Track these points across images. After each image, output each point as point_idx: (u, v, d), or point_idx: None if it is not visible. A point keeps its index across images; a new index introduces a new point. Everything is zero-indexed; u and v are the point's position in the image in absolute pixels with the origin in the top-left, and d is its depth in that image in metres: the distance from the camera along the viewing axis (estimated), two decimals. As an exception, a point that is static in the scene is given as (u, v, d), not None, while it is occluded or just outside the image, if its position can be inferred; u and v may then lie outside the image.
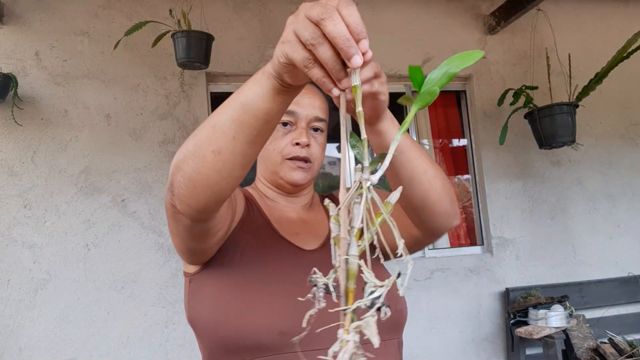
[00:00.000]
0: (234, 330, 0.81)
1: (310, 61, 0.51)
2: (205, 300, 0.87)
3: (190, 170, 0.65)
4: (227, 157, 0.64)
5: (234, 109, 0.62)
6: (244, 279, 0.85)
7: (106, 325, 2.69)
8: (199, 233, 0.77)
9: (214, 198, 0.68)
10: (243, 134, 0.63)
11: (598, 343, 2.95)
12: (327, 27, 0.49)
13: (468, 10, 3.51)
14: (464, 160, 3.58)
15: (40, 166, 2.71)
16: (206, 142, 0.64)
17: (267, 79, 0.60)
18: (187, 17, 2.68)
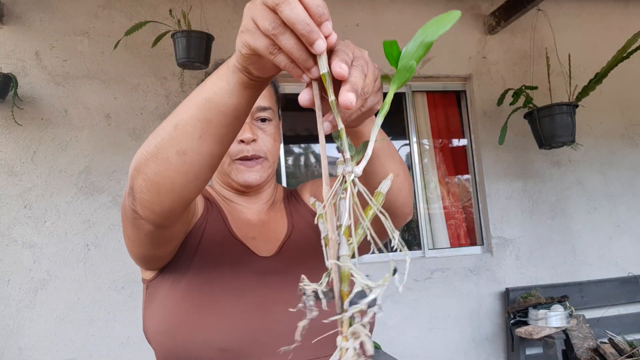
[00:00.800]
0: (178, 344, 0.75)
1: (274, 48, 0.48)
2: (156, 309, 0.80)
3: (153, 174, 0.60)
4: (194, 158, 0.59)
5: (198, 106, 0.57)
6: (192, 286, 0.78)
7: (106, 325, 2.69)
8: (161, 239, 0.71)
9: (179, 202, 0.63)
10: (210, 133, 0.58)
11: (598, 343, 2.95)
12: (284, 12, 0.45)
13: (468, 10, 3.51)
14: (464, 160, 3.58)
15: (40, 166, 2.71)
16: (169, 142, 0.58)
17: (232, 72, 0.55)
18: (187, 17, 2.68)
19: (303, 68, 0.48)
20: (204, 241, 0.84)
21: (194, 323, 0.74)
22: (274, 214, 0.96)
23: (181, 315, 0.75)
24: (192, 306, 0.76)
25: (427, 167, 3.53)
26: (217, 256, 0.82)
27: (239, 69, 0.54)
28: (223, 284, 0.79)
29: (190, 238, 0.83)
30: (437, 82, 3.48)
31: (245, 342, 0.74)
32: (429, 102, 3.55)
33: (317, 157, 4.76)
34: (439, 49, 3.39)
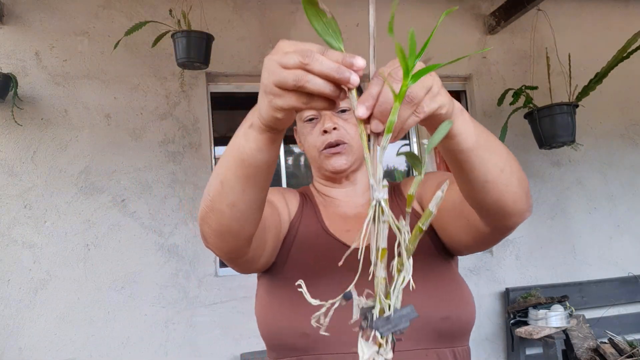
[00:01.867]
0: (268, 329, 0.86)
1: (307, 98, 0.51)
2: (259, 298, 0.93)
3: (214, 224, 0.70)
4: (242, 207, 0.67)
5: (236, 166, 0.64)
6: (285, 278, 0.88)
7: (106, 325, 2.69)
8: (244, 265, 0.82)
9: (241, 241, 0.73)
10: (250, 185, 0.66)
11: (598, 343, 2.95)
12: (314, 68, 0.49)
13: (468, 10, 3.51)
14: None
15: (40, 166, 2.71)
16: (219, 198, 0.67)
17: (259, 133, 0.60)
18: (187, 17, 2.68)
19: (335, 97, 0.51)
20: (298, 237, 0.92)
21: (282, 311, 0.84)
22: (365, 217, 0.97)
23: (274, 305, 0.86)
24: (282, 296, 0.86)
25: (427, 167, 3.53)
26: (310, 250, 0.90)
27: (264, 129, 0.59)
28: (313, 275, 0.86)
29: (286, 236, 0.92)
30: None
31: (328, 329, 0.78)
32: (429, 102, 3.54)
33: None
34: (439, 49, 3.39)
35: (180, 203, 2.86)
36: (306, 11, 0.50)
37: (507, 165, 0.68)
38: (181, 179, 2.89)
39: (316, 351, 0.80)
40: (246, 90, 3.20)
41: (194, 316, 2.79)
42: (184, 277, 2.81)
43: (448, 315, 0.83)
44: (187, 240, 2.84)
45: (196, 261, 2.84)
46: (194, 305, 2.80)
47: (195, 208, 2.88)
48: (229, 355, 2.80)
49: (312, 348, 0.80)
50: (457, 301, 0.86)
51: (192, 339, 2.78)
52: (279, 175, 3.30)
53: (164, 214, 2.84)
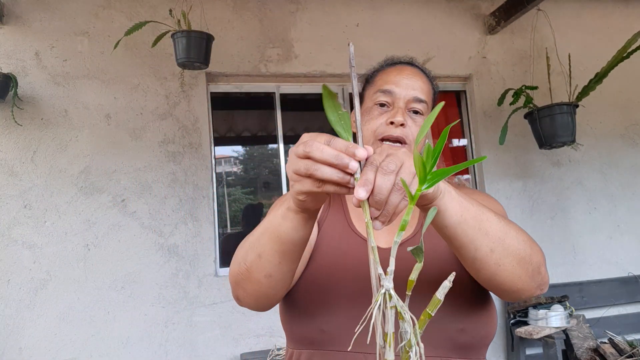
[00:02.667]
0: (289, 321, 0.89)
1: (319, 183, 0.57)
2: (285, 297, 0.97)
3: (250, 290, 0.77)
4: (278, 277, 0.74)
5: (274, 242, 0.70)
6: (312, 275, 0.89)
7: (106, 325, 2.69)
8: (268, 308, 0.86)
9: (274, 302, 0.80)
10: (287, 258, 0.72)
11: (598, 343, 2.95)
12: (315, 156, 0.55)
13: (468, 10, 3.51)
14: (464, 160, 3.58)
15: (40, 166, 2.71)
16: (257, 269, 0.73)
17: (294, 214, 0.66)
18: (187, 17, 2.68)
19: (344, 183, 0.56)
20: (322, 234, 0.93)
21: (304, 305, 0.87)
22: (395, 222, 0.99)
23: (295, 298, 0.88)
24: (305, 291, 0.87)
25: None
26: (334, 247, 0.91)
27: (298, 210, 0.65)
28: (337, 272, 0.87)
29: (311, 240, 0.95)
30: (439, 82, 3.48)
31: (341, 326, 0.84)
32: (429, 102, 3.54)
33: (317, 157, 4.75)
34: (439, 49, 3.39)
35: (180, 203, 2.86)
36: (325, 102, 0.57)
37: (499, 245, 0.70)
38: (181, 179, 2.89)
39: (328, 347, 0.84)
40: (246, 90, 3.20)
41: (194, 316, 2.79)
42: (184, 277, 2.81)
43: (464, 327, 0.82)
44: (187, 240, 2.85)
45: (196, 261, 2.84)
46: (193, 305, 2.80)
47: (195, 208, 2.88)
48: (228, 355, 2.80)
49: (326, 344, 0.84)
50: (476, 315, 0.84)
51: (192, 338, 2.78)
52: (279, 176, 3.30)
53: (164, 214, 2.84)
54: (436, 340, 0.81)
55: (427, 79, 1.01)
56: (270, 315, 2.87)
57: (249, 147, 3.72)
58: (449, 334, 0.81)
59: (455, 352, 0.82)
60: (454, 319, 0.82)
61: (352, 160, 0.55)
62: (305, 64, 3.16)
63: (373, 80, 1.02)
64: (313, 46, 3.18)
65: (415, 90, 0.94)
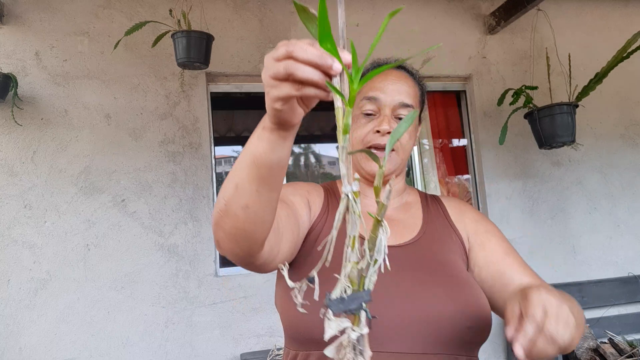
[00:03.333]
0: (296, 323, 0.86)
1: (299, 86, 0.55)
2: (282, 290, 0.93)
3: (228, 227, 0.72)
4: (256, 208, 0.69)
5: (250, 169, 0.67)
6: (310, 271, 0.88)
7: (106, 325, 2.69)
8: (257, 268, 0.82)
9: (255, 244, 0.74)
10: (264, 186, 0.68)
11: (598, 343, 2.95)
12: (298, 55, 0.53)
13: (468, 10, 3.51)
14: (464, 160, 3.58)
15: (40, 166, 2.71)
16: (234, 200, 0.69)
17: (270, 132, 0.64)
18: (187, 17, 2.68)
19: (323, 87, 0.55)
20: (324, 233, 0.93)
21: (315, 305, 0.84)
22: (404, 215, 1.00)
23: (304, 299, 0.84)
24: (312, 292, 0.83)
25: (427, 167, 3.53)
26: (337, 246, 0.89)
27: (274, 128, 0.63)
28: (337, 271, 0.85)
29: (311, 232, 0.93)
30: (437, 82, 3.48)
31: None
32: (428, 102, 3.53)
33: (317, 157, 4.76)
34: (439, 49, 3.39)
35: (180, 203, 2.86)
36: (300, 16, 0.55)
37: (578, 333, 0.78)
38: (181, 179, 2.89)
39: None
40: (246, 90, 3.20)
41: (194, 316, 2.79)
42: (184, 277, 2.81)
43: (472, 325, 0.86)
44: (187, 240, 2.85)
45: (196, 261, 2.84)
46: (193, 305, 2.80)
47: (195, 208, 2.88)
48: (228, 355, 2.80)
49: None
50: (482, 314, 0.88)
51: (192, 339, 2.78)
52: (279, 175, 3.30)
53: (164, 214, 2.84)
54: (449, 338, 0.83)
55: (413, 81, 1.02)
56: (270, 315, 2.87)
57: (249, 147, 3.72)
58: (458, 332, 0.84)
59: (463, 349, 0.85)
60: (464, 318, 0.84)
61: (335, 60, 0.53)
62: (305, 64, 3.16)
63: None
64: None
65: (401, 94, 0.95)
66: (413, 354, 0.80)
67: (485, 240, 1.00)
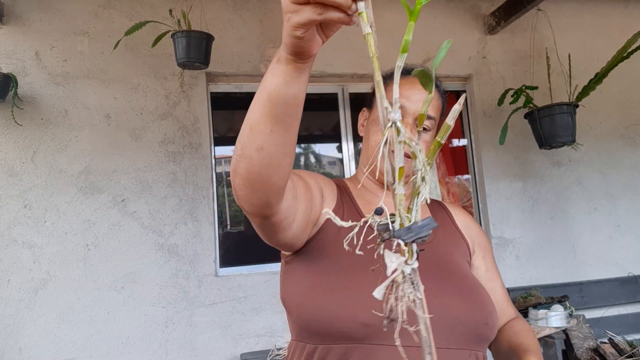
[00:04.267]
0: (319, 316, 0.83)
1: (320, 8, 0.53)
2: (296, 282, 0.90)
3: (244, 172, 0.69)
4: (271, 151, 0.67)
5: (264, 106, 0.64)
6: (333, 266, 0.86)
7: (106, 325, 2.69)
8: (271, 227, 0.79)
9: (271, 191, 0.71)
10: (279, 125, 0.65)
11: (598, 343, 2.95)
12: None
13: (468, 10, 3.51)
14: (464, 160, 3.58)
15: (40, 166, 2.71)
16: (248, 143, 0.67)
17: (286, 65, 0.61)
18: (187, 17, 2.68)
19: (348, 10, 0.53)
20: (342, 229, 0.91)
21: (340, 299, 0.82)
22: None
23: (326, 291, 0.83)
24: (337, 284, 0.84)
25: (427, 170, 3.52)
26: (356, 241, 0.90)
27: (291, 59, 0.60)
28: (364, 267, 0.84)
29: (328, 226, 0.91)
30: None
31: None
32: (429, 101, 3.54)
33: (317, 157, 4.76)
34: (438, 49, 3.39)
35: (180, 203, 2.86)
36: None
37: None
38: (181, 179, 2.89)
39: (372, 341, 0.80)
40: (246, 90, 3.20)
41: (194, 316, 2.79)
42: (184, 277, 2.81)
43: (488, 322, 0.89)
44: (187, 240, 2.85)
45: (196, 261, 2.84)
46: (193, 305, 2.80)
47: (195, 208, 2.88)
48: (228, 355, 2.80)
49: (369, 338, 0.80)
50: (494, 312, 0.93)
51: (192, 338, 2.78)
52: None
53: (164, 214, 2.84)
54: (469, 334, 0.86)
55: (437, 93, 1.04)
56: (270, 315, 2.87)
57: (249, 147, 3.72)
58: (477, 329, 0.87)
59: (479, 345, 0.88)
60: (482, 316, 0.88)
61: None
62: (305, 64, 3.16)
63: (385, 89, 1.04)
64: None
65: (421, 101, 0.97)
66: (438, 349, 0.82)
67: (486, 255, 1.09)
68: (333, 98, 3.32)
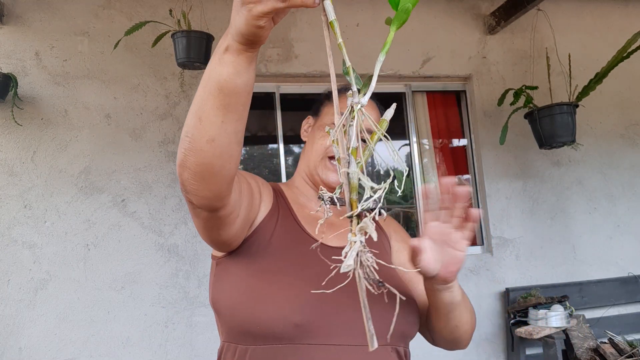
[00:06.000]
0: (251, 317, 0.82)
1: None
2: (228, 283, 0.89)
3: (193, 165, 0.67)
4: (222, 141, 0.65)
5: (214, 97, 0.63)
6: (266, 267, 0.86)
7: (106, 325, 2.69)
8: (218, 222, 0.78)
9: (222, 181, 0.70)
10: (230, 115, 0.64)
11: (598, 343, 2.95)
12: None
13: (468, 10, 3.51)
14: (464, 160, 3.58)
15: (40, 166, 2.71)
16: (198, 134, 0.65)
17: (237, 55, 0.60)
18: (187, 17, 2.68)
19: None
20: (278, 229, 0.92)
21: (272, 300, 0.82)
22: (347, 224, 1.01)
23: (259, 292, 0.83)
24: (269, 286, 0.84)
25: (427, 167, 3.53)
26: (290, 245, 0.90)
27: (242, 48, 0.59)
28: (297, 269, 0.86)
29: (263, 227, 0.91)
30: (437, 82, 3.48)
31: (316, 320, 0.82)
32: (429, 102, 3.55)
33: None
34: (439, 49, 3.39)
35: (180, 203, 2.86)
36: None
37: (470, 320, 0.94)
38: (181, 179, 2.88)
39: (303, 341, 0.81)
40: (246, 90, 3.19)
41: (194, 316, 2.79)
42: (184, 277, 2.81)
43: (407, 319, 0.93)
44: (187, 240, 2.85)
45: (196, 261, 2.84)
46: (193, 305, 2.80)
47: (195, 208, 2.88)
48: (229, 355, 2.80)
49: (299, 338, 0.81)
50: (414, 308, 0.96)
51: (192, 338, 2.78)
52: (279, 176, 3.30)
53: (164, 214, 2.84)
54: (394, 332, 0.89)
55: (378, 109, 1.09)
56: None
57: (249, 147, 3.72)
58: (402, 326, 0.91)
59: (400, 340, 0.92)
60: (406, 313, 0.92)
61: None
62: (305, 64, 3.16)
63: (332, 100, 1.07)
64: (313, 46, 3.18)
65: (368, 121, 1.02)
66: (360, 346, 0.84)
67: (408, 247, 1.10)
68: (333, 98, 3.32)
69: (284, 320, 0.80)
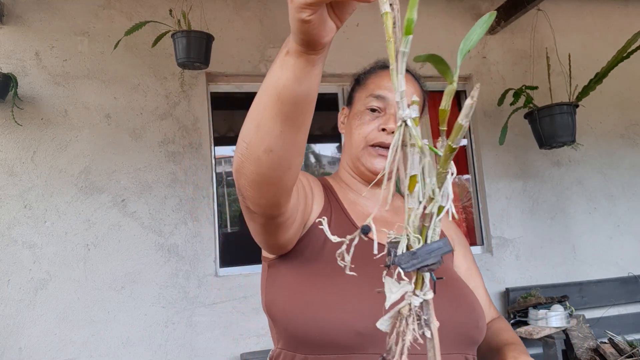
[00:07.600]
0: (310, 325, 0.77)
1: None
2: (282, 288, 0.85)
3: (250, 173, 0.63)
4: (281, 153, 0.61)
5: (272, 105, 0.58)
6: (323, 271, 0.82)
7: (106, 325, 2.69)
8: (275, 228, 0.75)
9: (280, 192, 0.66)
10: (289, 125, 0.59)
11: (598, 343, 2.95)
12: None
13: (468, 10, 3.51)
14: (464, 160, 3.59)
15: (40, 166, 2.71)
16: (255, 143, 0.60)
17: (296, 58, 0.54)
18: (187, 17, 2.68)
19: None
20: (333, 231, 0.86)
21: (333, 305, 0.77)
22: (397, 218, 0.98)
23: (318, 298, 0.78)
24: (328, 289, 0.78)
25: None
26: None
27: (301, 50, 0.53)
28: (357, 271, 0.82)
29: (316, 227, 0.86)
30: (437, 82, 3.48)
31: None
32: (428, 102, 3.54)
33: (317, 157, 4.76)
34: (439, 49, 3.39)
35: (180, 203, 2.86)
36: None
37: None
38: (181, 179, 2.89)
39: (366, 351, 0.76)
40: (246, 90, 3.20)
41: (194, 316, 2.79)
42: (184, 277, 2.81)
43: (478, 325, 0.88)
44: (187, 240, 2.85)
45: (196, 261, 2.84)
46: (193, 305, 2.80)
47: (195, 208, 2.88)
48: (228, 355, 2.80)
49: (363, 347, 0.76)
50: (482, 314, 0.91)
51: (192, 339, 2.78)
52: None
53: (164, 214, 2.84)
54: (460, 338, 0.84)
55: (417, 83, 1.04)
56: (270, 315, 2.87)
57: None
58: (467, 332, 0.85)
59: (470, 347, 0.86)
60: (472, 318, 0.86)
61: None
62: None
63: (364, 83, 1.03)
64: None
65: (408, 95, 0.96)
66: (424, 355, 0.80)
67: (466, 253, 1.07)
68: (333, 98, 3.32)
69: (347, 328, 0.75)
